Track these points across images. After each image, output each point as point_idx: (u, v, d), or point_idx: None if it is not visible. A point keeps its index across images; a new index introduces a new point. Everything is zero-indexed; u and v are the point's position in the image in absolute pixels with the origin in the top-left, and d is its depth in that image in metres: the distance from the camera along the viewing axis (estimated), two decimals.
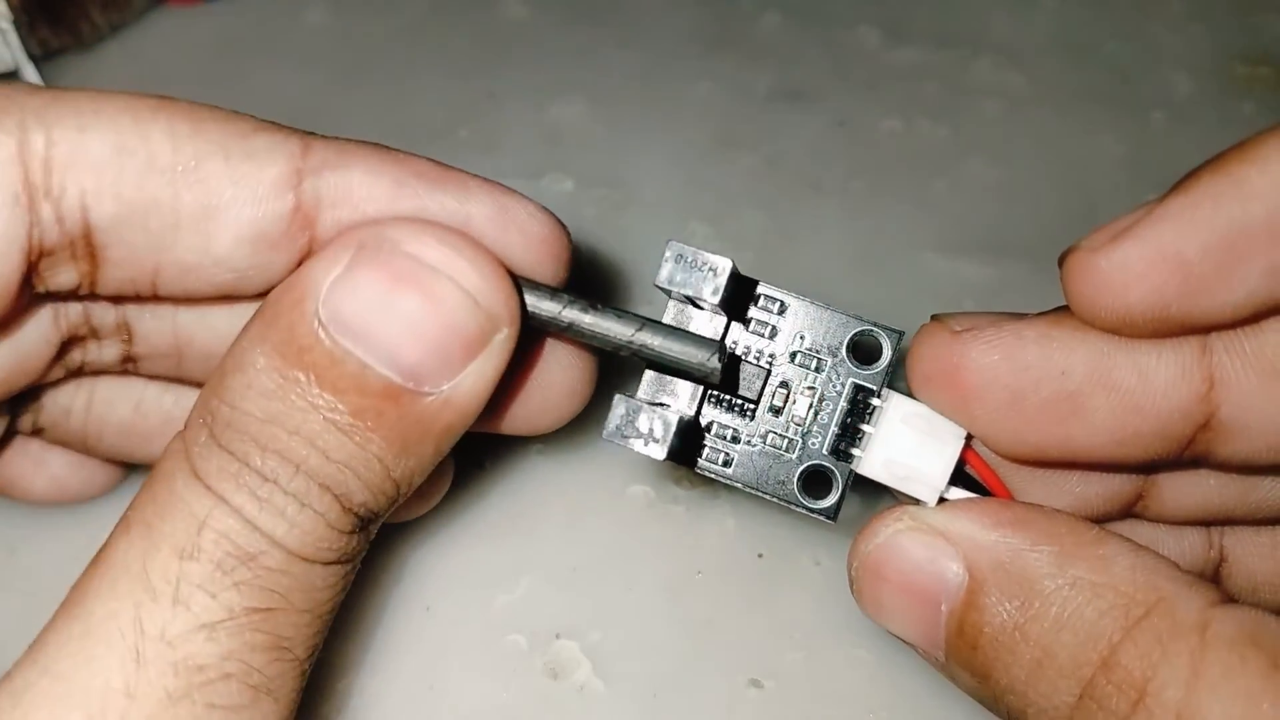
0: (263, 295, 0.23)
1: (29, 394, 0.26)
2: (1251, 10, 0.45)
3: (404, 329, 0.21)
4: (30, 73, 0.39)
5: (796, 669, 0.30)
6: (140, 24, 0.42)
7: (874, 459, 0.23)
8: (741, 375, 0.25)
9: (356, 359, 0.20)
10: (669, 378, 0.24)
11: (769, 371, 0.25)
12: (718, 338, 0.24)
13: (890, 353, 0.24)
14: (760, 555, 0.31)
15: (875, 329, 0.24)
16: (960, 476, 0.23)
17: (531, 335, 0.25)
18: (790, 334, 0.25)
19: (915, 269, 0.37)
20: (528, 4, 0.44)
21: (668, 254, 0.23)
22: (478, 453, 0.33)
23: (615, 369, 0.33)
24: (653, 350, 0.23)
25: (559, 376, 0.26)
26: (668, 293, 0.23)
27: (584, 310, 0.23)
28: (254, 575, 0.20)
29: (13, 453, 0.28)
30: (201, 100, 0.22)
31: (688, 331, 0.23)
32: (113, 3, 0.41)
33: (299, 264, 0.23)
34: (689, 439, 0.24)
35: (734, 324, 0.25)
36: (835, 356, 0.24)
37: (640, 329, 0.23)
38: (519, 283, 0.22)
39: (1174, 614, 0.18)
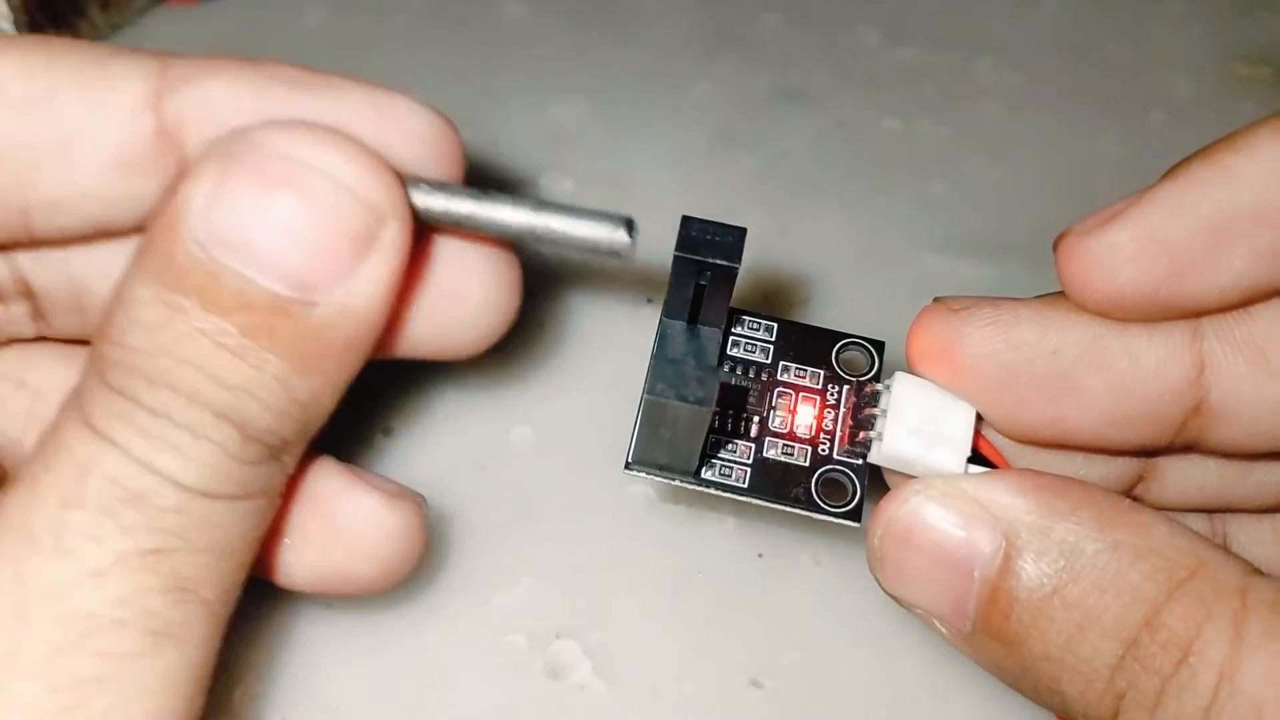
0: (142, 228, 0.22)
1: None
2: (1251, 10, 0.45)
3: (281, 234, 0.20)
4: None
5: (796, 669, 0.30)
6: (140, 24, 0.42)
7: (894, 435, 0.23)
8: (742, 395, 0.25)
9: (237, 274, 0.19)
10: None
11: (767, 387, 0.25)
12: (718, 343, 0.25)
13: (878, 355, 0.25)
14: (760, 555, 0.31)
15: (859, 340, 0.25)
16: (970, 460, 0.23)
17: (430, 239, 0.23)
18: (782, 351, 0.25)
19: (915, 269, 0.37)
20: (528, 4, 0.44)
21: (682, 229, 0.23)
22: (479, 453, 0.33)
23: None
24: (556, 232, 0.22)
25: (473, 286, 0.24)
26: (688, 263, 0.23)
27: (476, 199, 0.22)
28: (144, 516, 0.19)
29: None
30: None
31: (590, 209, 0.22)
32: (113, 3, 0.41)
33: (170, 188, 0.22)
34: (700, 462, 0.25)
35: (728, 341, 0.25)
36: (827, 368, 0.25)
37: (539, 209, 0.22)
38: (403, 178, 0.21)
39: (1216, 578, 0.19)
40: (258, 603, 0.30)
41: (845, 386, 0.25)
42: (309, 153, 0.20)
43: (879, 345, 0.25)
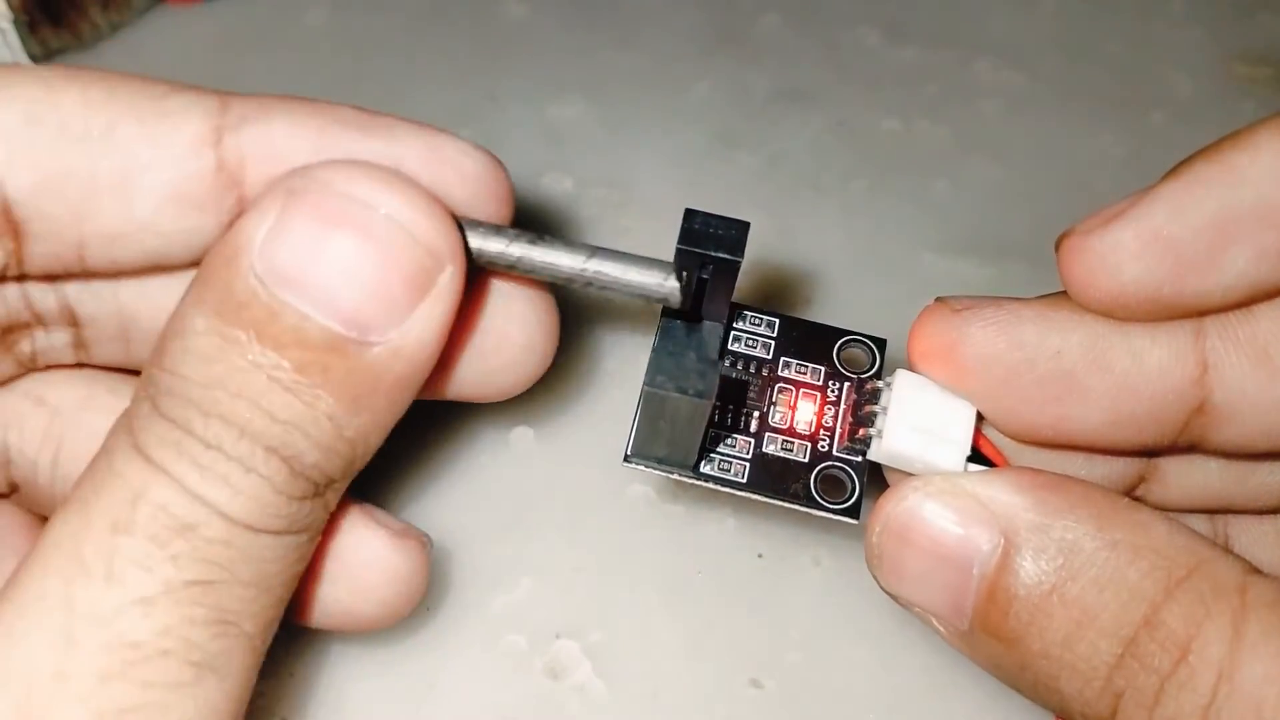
0: (198, 263, 0.22)
1: None
2: (1251, 10, 0.45)
3: (341, 273, 0.20)
4: None
5: (796, 669, 0.30)
6: (140, 24, 0.42)
7: (894, 433, 0.23)
8: (742, 389, 0.25)
9: (295, 310, 0.20)
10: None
11: (767, 382, 0.25)
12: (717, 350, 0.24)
13: (879, 352, 0.25)
14: (760, 555, 0.31)
15: (860, 337, 0.25)
16: (970, 459, 0.23)
17: (481, 283, 0.24)
18: (783, 347, 0.25)
19: (915, 269, 0.37)
20: (528, 4, 0.44)
21: (685, 222, 0.23)
22: (479, 453, 0.33)
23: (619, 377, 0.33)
24: (608, 277, 0.22)
25: (516, 330, 0.24)
26: (690, 256, 0.23)
27: (531, 243, 0.22)
28: (192, 547, 0.19)
29: None
30: None
31: (640, 256, 0.22)
32: (113, 3, 0.41)
33: (230, 224, 0.22)
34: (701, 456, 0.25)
35: (729, 336, 0.25)
36: (828, 364, 0.25)
37: (592, 256, 0.22)
38: (460, 221, 0.22)
39: (1215, 576, 0.19)
40: None
41: (846, 383, 0.25)
42: (371, 194, 0.20)
43: (880, 343, 0.25)
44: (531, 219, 0.37)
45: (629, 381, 0.33)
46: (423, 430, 0.33)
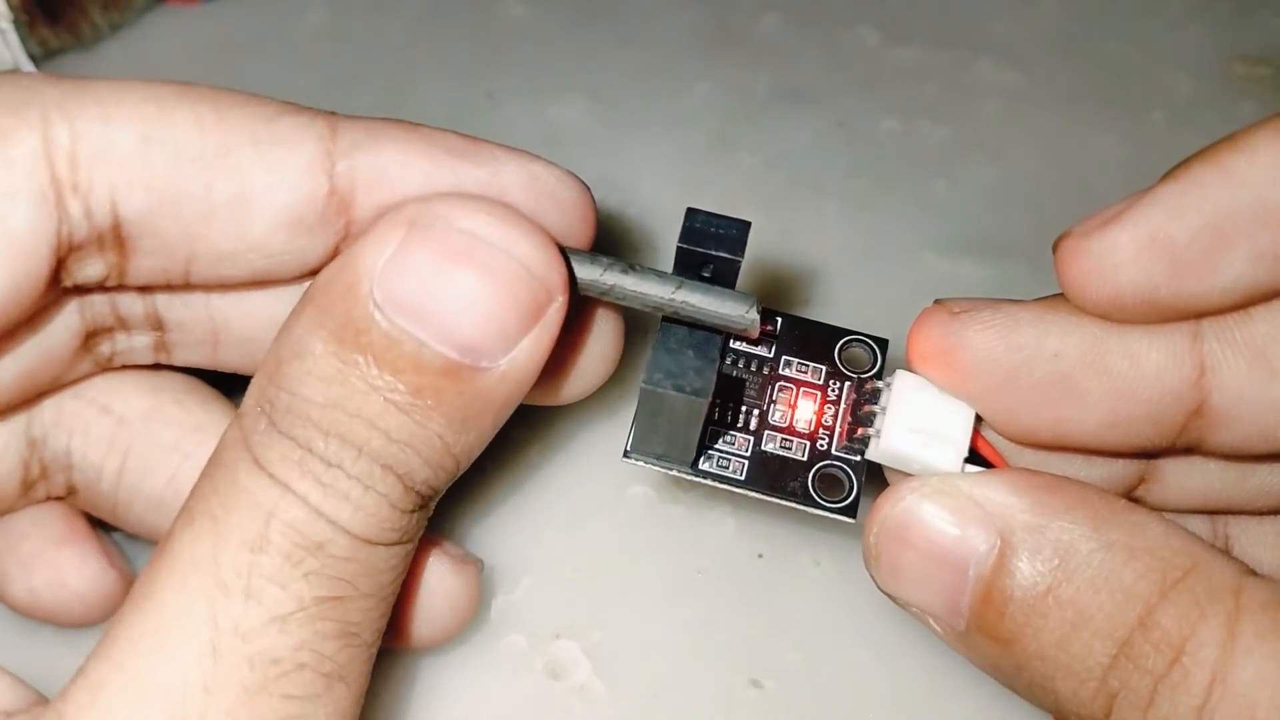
0: (301, 278, 0.22)
1: (63, 448, 0.26)
2: (1251, 10, 0.45)
3: (461, 305, 0.21)
4: (30, 72, 0.39)
5: (796, 669, 0.30)
6: (140, 23, 0.42)
7: (892, 433, 0.23)
8: (741, 387, 0.25)
9: (414, 338, 0.20)
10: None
11: (768, 380, 0.25)
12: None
13: (880, 352, 0.25)
14: (760, 555, 0.31)
15: (862, 337, 0.25)
16: (968, 460, 0.23)
17: (573, 302, 0.24)
18: (784, 344, 0.25)
19: (915, 269, 0.37)
20: (528, 4, 0.44)
21: (687, 221, 0.23)
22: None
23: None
24: (693, 306, 0.23)
25: (594, 344, 0.26)
26: (691, 255, 0.23)
27: (624, 272, 0.23)
28: (322, 564, 0.20)
29: (2, 545, 0.27)
30: None
31: (723, 288, 0.23)
32: (113, 2, 0.41)
33: (336, 246, 0.23)
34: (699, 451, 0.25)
35: (730, 336, 0.25)
36: (829, 364, 0.25)
37: (680, 287, 0.23)
38: (565, 253, 0.23)
39: (1210, 578, 0.19)
40: None
41: (846, 383, 0.25)
42: (489, 229, 0.21)
43: (882, 343, 0.25)
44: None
45: (629, 381, 0.33)
46: None
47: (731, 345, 0.25)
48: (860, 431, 0.24)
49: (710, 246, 0.23)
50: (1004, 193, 0.40)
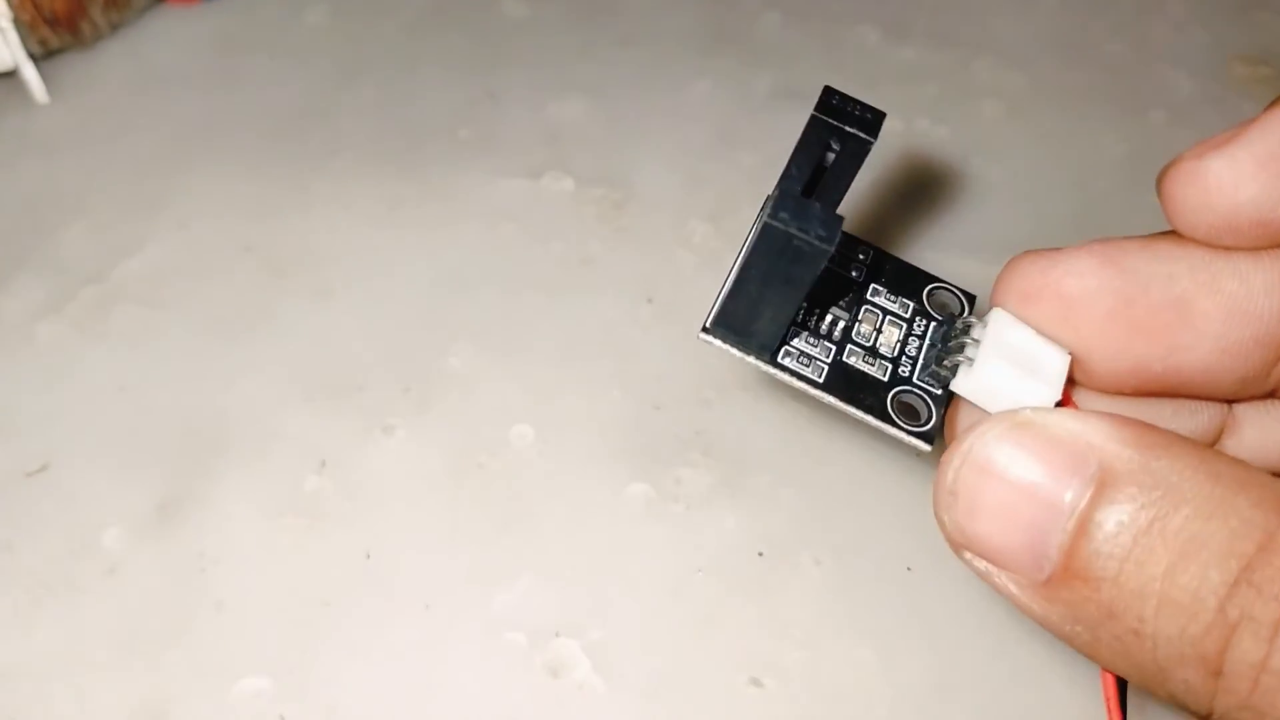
0: None
1: None
2: (1251, 10, 0.45)
3: None
4: (30, 72, 0.39)
5: (796, 669, 0.30)
6: (140, 23, 0.42)
7: (986, 364, 0.22)
8: (835, 283, 0.24)
9: None
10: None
11: (853, 300, 0.24)
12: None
13: (969, 306, 0.24)
14: (760, 554, 0.31)
15: (950, 287, 0.25)
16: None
17: None
18: (873, 274, 0.25)
19: None
20: (528, 4, 0.44)
21: (824, 97, 0.22)
22: (479, 453, 0.33)
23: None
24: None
25: None
26: (824, 127, 0.22)
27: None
28: None
29: None
30: (204, 99, 0.22)
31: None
32: (113, 2, 0.41)
33: None
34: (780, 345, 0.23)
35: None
36: (916, 301, 0.25)
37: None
38: None
39: None
40: (257, 602, 0.30)
41: (932, 323, 0.24)
42: None
43: (970, 297, 0.25)
44: (532, 218, 0.37)
45: (628, 381, 0.33)
46: (423, 428, 0.33)
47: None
48: (948, 361, 0.23)
49: (846, 122, 0.22)
50: (1004, 193, 0.40)
